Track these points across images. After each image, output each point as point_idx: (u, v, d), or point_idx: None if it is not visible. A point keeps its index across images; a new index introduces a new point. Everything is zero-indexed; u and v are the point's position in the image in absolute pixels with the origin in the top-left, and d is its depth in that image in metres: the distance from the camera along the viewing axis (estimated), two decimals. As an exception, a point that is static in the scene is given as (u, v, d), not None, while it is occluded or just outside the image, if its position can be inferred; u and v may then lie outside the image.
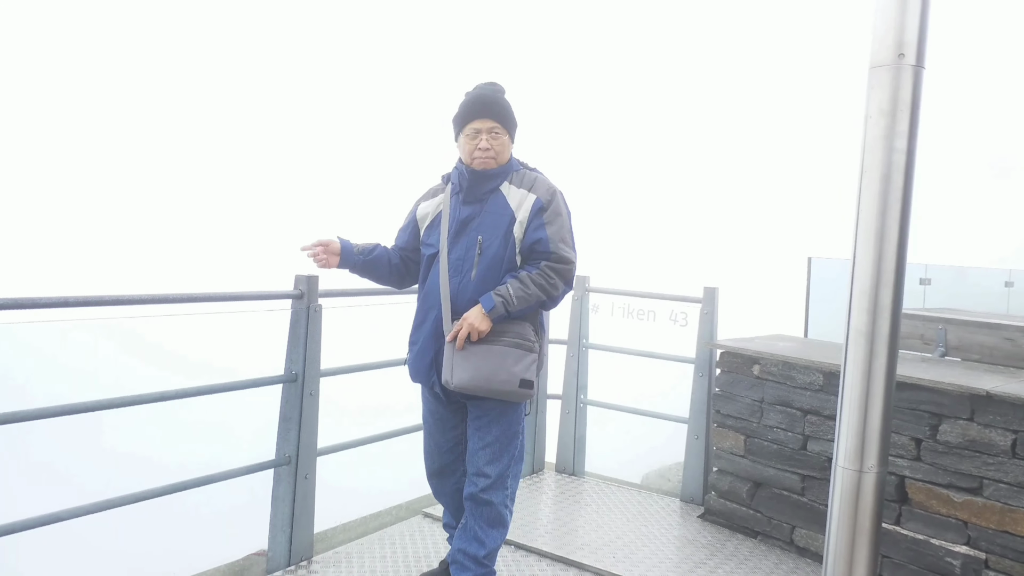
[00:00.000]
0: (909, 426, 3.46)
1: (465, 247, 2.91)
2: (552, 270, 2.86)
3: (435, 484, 3.24)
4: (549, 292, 2.85)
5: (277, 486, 3.50)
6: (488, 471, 2.93)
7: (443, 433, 3.11)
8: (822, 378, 3.84)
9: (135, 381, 3.36)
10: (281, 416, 3.51)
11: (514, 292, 2.77)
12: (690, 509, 4.56)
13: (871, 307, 1.93)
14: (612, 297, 5.13)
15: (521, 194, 2.92)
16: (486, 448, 2.94)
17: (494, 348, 2.78)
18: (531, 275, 2.83)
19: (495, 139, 2.92)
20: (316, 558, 3.57)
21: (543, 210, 2.89)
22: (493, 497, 2.94)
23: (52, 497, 2.97)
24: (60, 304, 2.72)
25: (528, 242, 2.87)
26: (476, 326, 2.76)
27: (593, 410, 5.21)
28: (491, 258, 2.86)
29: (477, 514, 2.98)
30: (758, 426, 4.12)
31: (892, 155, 1.90)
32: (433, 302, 2.95)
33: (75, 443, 10.91)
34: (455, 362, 2.81)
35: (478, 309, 2.78)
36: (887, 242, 1.91)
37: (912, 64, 1.89)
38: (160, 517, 3.98)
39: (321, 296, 3.54)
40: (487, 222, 2.90)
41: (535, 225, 2.87)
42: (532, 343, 2.84)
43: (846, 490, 1.97)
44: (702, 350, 4.64)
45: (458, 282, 2.89)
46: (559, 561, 3.72)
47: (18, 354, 13.55)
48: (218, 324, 3.45)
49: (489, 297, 2.79)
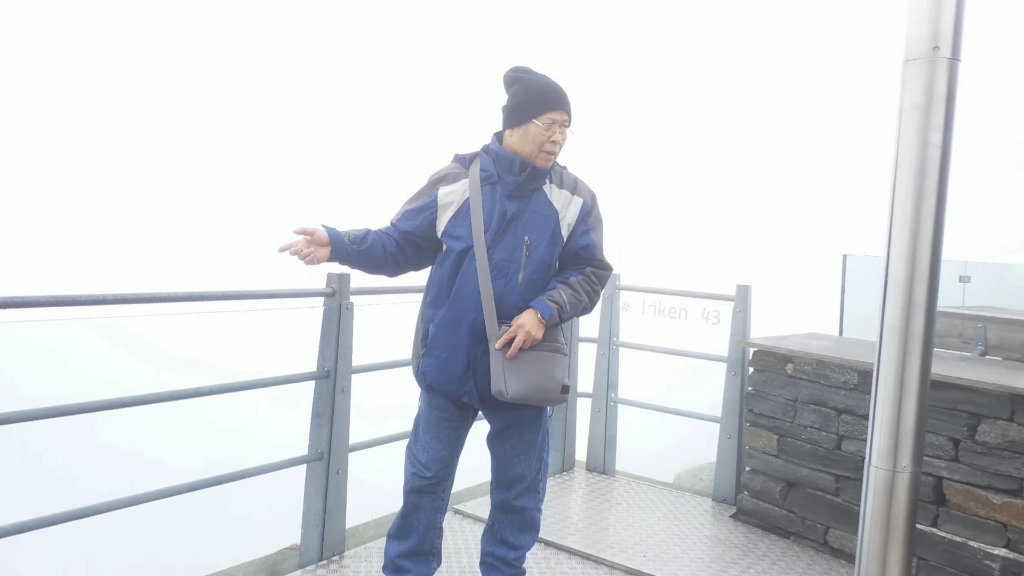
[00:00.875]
0: (947, 426, 3.40)
1: (511, 247, 2.66)
2: (597, 277, 2.79)
3: (414, 502, 2.90)
4: (594, 299, 2.79)
5: (309, 481, 3.54)
6: (525, 475, 2.84)
7: (449, 444, 2.86)
8: (857, 377, 3.79)
9: (175, 377, 3.43)
10: (313, 412, 3.55)
11: (567, 299, 2.66)
12: (722, 509, 4.52)
13: (905, 303, 1.90)
14: (643, 295, 5.10)
15: (565, 196, 2.75)
16: (522, 456, 2.83)
17: (541, 355, 2.64)
18: (580, 282, 2.73)
19: (564, 135, 2.70)
20: (348, 553, 3.61)
21: (589, 215, 2.78)
22: (526, 503, 2.87)
23: (94, 489, 3.03)
24: (99, 302, 2.78)
25: (573, 247, 2.76)
26: (533, 334, 2.60)
27: (624, 409, 5.19)
28: (538, 261, 2.69)
29: (507, 520, 2.90)
30: (791, 425, 4.08)
31: (927, 149, 1.87)
32: (471, 304, 2.66)
33: (114, 438, 11.15)
34: (507, 371, 2.61)
35: (534, 316, 2.61)
36: (922, 237, 1.88)
37: (947, 57, 1.85)
38: (195, 512, 4.05)
39: (353, 294, 3.58)
40: (533, 222, 2.69)
41: (582, 230, 2.76)
42: (563, 345, 2.74)
43: (879, 490, 1.95)
44: (735, 348, 4.60)
45: (503, 285, 2.66)
46: (589, 559, 3.71)
47: (64, 346, 13.84)
48: (247, 322, 3.48)
49: (544, 304, 2.63)
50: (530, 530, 2.93)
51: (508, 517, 2.90)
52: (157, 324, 3.34)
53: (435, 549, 2.99)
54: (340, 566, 3.48)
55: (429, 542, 2.94)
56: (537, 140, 2.64)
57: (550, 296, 2.65)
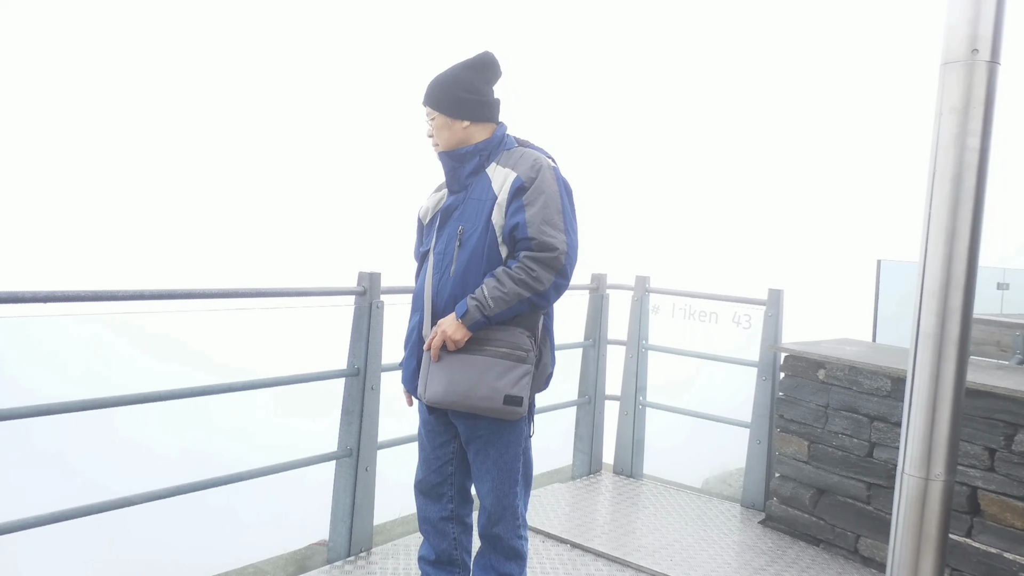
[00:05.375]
0: (982, 435, 3.34)
1: (446, 240, 2.58)
2: (533, 261, 2.42)
3: (420, 504, 2.84)
4: (533, 287, 2.42)
5: (338, 478, 3.58)
6: (488, 503, 2.63)
7: (433, 449, 2.75)
8: (890, 384, 3.73)
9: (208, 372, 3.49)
10: (343, 409, 3.59)
11: (489, 293, 2.41)
12: (751, 515, 4.49)
13: (940, 309, 1.87)
14: (673, 298, 5.08)
15: (505, 173, 2.54)
16: (486, 475, 2.62)
17: (476, 359, 2.44)
18: (509, 271, 2.43)
19: (432, 123, 2.64)
20: (375, 549, 3.64)
21: (523, 190, 2.47)
22: (501, 531, 2.64)
23: (129, 480, 3.10)
24: (136, 297, 2.86)
25: (508, 228, 2.48)
26: (450, 335, 2.43)
27: (653, 412, 5.17)
28: (471, 250, 2.51)
29: (490, 548, 2.70)
30: (822, 432, 4.03)
31: (964, 154, 1.85)
32: (418, 304, 2.67)
33: (147, 433, 11.35)
34: (430, 374, 2.51)
35: (452, 316, 2.46)
36: (958, 243, 1.85)
37: (986, 60, 1.82)
38: (226, 506, 4.10)
39: (383, 293, 3.61)
40: (469, 210, 2.56)
41: (514, 208, 2.47)
42: (525, 352, 2.44)
43: (911, 498, 1.92)
44: (766, 353, 4.56)
45: (439, 279, 2.57)
46: (615, 562, 3.71)
47: (99, 341, 14.10)
48: (277, 320, 3.51)
49: (463, 302, 2.45)
50: (515, 558, 2.68)
51: (489, 545, 2.69)
52: (179, 321, 3.40)
53: (456, 560, 2.81)
54: (368, 562, 3.52)
55: (447, 554, 2.80)
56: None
57: (472, 293, 2.46)
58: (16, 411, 2.62)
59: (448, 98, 2.60)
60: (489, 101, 2.65)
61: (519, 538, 2.68)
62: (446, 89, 2.61)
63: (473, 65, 2.64)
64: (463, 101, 2.59)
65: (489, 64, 2.66)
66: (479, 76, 2.65)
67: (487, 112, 2.64)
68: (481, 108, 2.62)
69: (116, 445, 5.11)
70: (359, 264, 3.64)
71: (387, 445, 3.72)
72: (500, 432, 2.57)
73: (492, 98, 2.67)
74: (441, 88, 2.62)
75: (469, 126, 2.61)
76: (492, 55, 2.67)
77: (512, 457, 2.61)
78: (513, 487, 2.63)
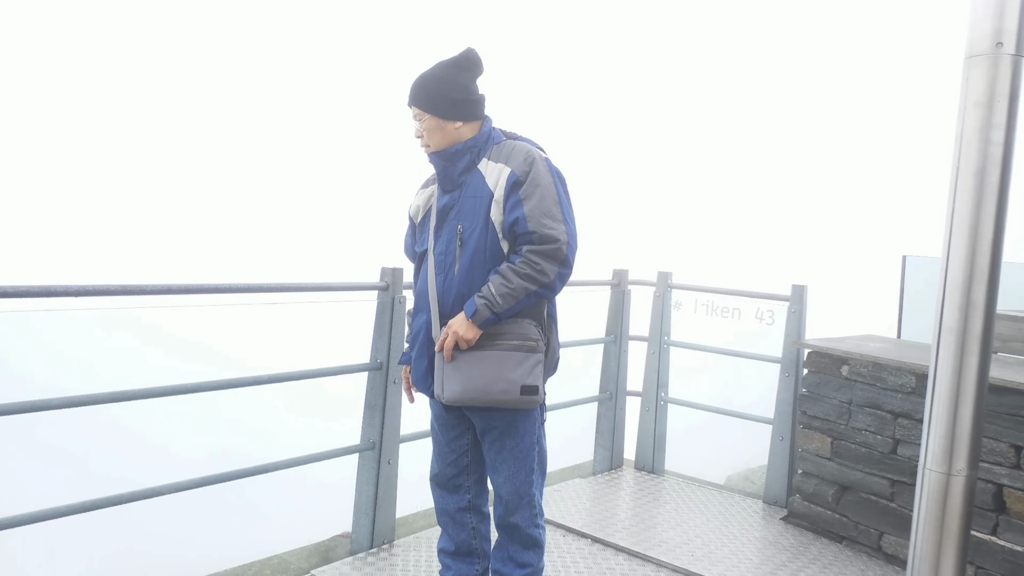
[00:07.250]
0: (1009, 432, 3.31)
1: (447, 240, 2.60)
2: (537, 254, 2.46)
3: (437, 496, 2.88)
4: (539, 280, 2.46)
5: (361, 470, 3.62)
6: (505, 493, 2.67)
7: (448, 443, 2.79)
8: (914, 380, 3.71)
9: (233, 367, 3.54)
10: (366, 403, 3.63)
11: (496, 291, 2.44)
12: (773, 511, 4.47)
13: (963, 304, 1.86)
14: (695, 294, 5.06)
15: (498, 168, 2.55)
16: (502, 465, 2.65)
17: (489, 354, 2.48)
18: (513, 266, 2.47)
19: (422, 125, 2.64)
20: (398, 541, 3.68)
21: (519, 184, 2.50)
22: (518, 520, 2.68)
23: (156, 472, 3.16)
24: (163, 291, 2.91)
25: (508, 224, 2.51)
26: (462, 335, 2.47)
27: (675, 408, 5.17)
28: (473, 249, 2.54)
29: (508, 538, 2.74)
30: (846, 428, 4.01)
31: (988, 148, 1.84)
32: (423, 305, 2.68)
33: (173, 426, 11.53)
34: (445, 374, 2.54)
35: (462, 316, 2.49)
36: (982, 237, 1.84)
37: (1011, 53, 1.81)
38: (252, 498, 4.17)
39: (406, 288, 3.64)
40: (466, 208, 2.57)
41: (512, 203, 2.50)
42: (535, 342, 2.51)
43: (933, 493, 1.92)
44: (789, 349, 4.54)
45: (443, 280, 2.59)
46: (636, 556, 3.72)
47: (120, 334, 14.32)
48: (299, 314, 3.55)
49: (472, 301, 2.48)
50: (532, 547, 2.73)
51: (507, 535, 2.74)
52: (203, 317, 3.45)
53: (476, 550, 2.86)
54: (390, 554, 3.56)
55: (466, 544, 2.85)
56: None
57: (479, 291, 2.49)
58: (47, 403, 2.69)
59: (440, 100, 2.60)
60: (477, 99, 2.67)
61: (536, 527, 2.72)
62: (437, 90, 2.60)
63: (459, 63, 2.64)
64: (455, 102, 2.60)
65: (474, 61, 2.67)
66: (466, 74, 2.66)
67: (477, 110, 2.66)
68: (472, 107, 2.63)
69: (144, 440, 5.22)
70: (368, 260, 3.67)
71: (409, 439, 3.76)
72: (515, 422, 2.61)
73: (479, 95, 2.68)
74: (431, 89, 2.61)
75: (461, 126, 2.62)
76: (475, 51, 2.67)
77: (528, 446, 2.65)
78: (529, 476, 2.66)
